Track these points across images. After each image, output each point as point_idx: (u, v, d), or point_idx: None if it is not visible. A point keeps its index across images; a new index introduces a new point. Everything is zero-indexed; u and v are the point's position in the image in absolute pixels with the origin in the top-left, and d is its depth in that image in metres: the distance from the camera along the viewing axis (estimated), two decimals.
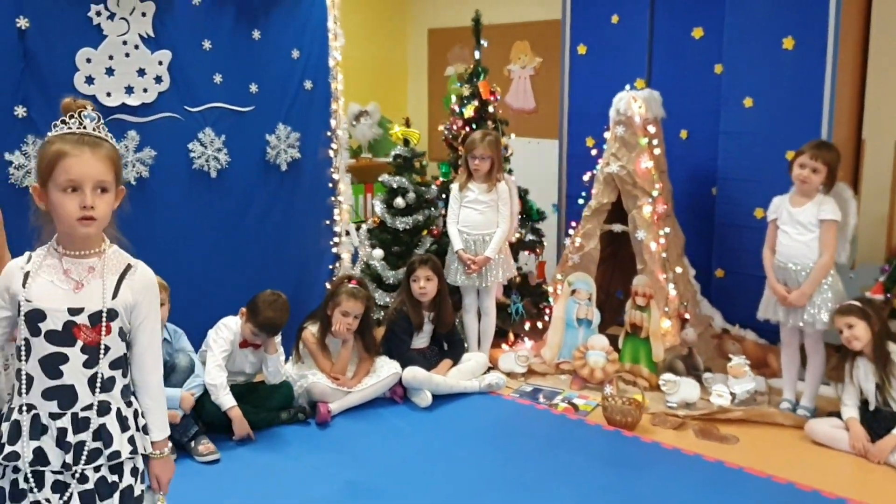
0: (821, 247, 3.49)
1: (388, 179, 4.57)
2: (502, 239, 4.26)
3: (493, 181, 4.23)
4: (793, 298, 3.52)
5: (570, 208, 5.01)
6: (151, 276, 1.90)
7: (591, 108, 4.85)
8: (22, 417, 1.79)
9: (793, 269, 3.55)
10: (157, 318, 1.90)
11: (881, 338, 3.33)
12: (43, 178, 1.75)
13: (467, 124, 4.71)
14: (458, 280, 4.27)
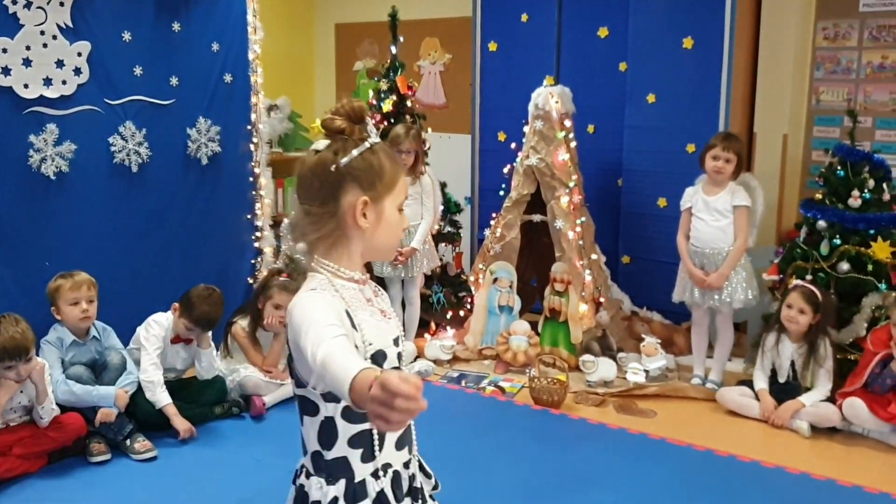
0: (735, 231, 3.78)
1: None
2: (427, 230, 4.35)
3: (416, 174, 4.31)
4: (712, 280, 3.78)
5: (483, 201, 5.17)
6: None
7: (502, 104, 5.01)
8: (382, 483, 1.51)
9: (710, 254, 3.82)
10: None
11: (818, 330, 3.60)
12: (379, 191, 1.47)
13: (386, 119, 4.77)
14: (383, 271, 4.33)
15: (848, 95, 4.56)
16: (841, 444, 3.45)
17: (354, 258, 1.49)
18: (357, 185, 1.45)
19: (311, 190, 1.47)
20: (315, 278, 1.47)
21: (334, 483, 1.48)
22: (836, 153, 3.96)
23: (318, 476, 1.50)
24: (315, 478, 1.50)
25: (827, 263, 3.81)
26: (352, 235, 1.47)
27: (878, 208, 3.83)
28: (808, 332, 3.61)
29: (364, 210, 1.45)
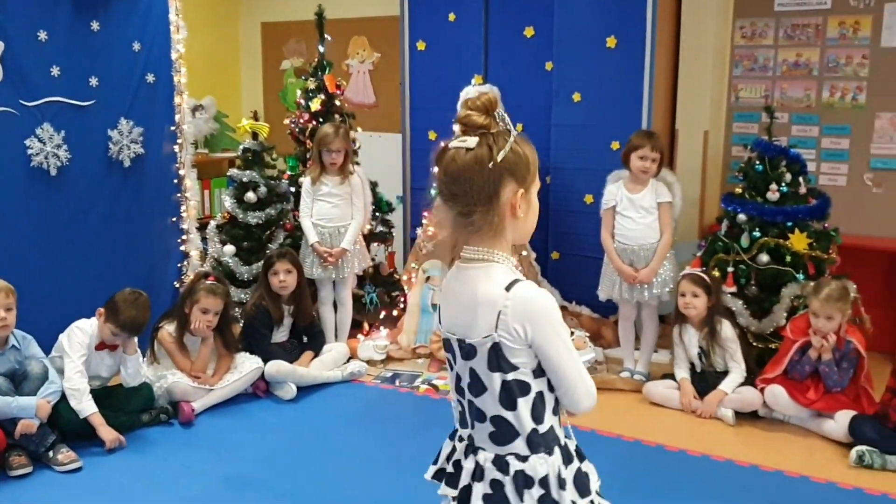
0: (661, 226, 3.88)
1: (238, 174, 4.53)
2: (358, 230, 4.35)
3: (346, 174, 4.31)
4: (643, 276, 3.87)
5: (415, 199, 5.16)
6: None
7: (432, 103, 5.02)
8: (573, 442, 1.68)
9: (638, 250, 3.90)
10: None
11: (713, 312, 3.73)
12: (528, 181, 1.55)
13: (314, 118, 4.74)
14: (314, 273, 4.31)
15: (765, 92, 4.72)
16: (763, 430, 3.57)
17: (510, 245, 1.58)
18: (512, 179, 1.53)
19: (471, 187, 1.52)
20: (502, 267, 1.55)
21: (552, 454, 1.58)
22: (754, 148, 4.09)
23: (537, 454, 1.58)
24: (534, 457, 1.57)
25: (747, 256, 3.93)
26: (508, 225, 1.55)
27: (794, 201, 3.97)
28: (707, 317, 3.73)
29: (520, 201, 1.54)
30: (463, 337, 1.57)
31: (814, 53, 4.57)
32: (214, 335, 3.83)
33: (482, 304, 1.52)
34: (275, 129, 4.86)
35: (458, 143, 1.54)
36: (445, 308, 1.63)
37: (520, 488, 1.56)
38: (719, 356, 3.74)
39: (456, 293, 1.60)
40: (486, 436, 1.60)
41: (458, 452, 1.68)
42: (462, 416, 1.65)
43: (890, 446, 3.22)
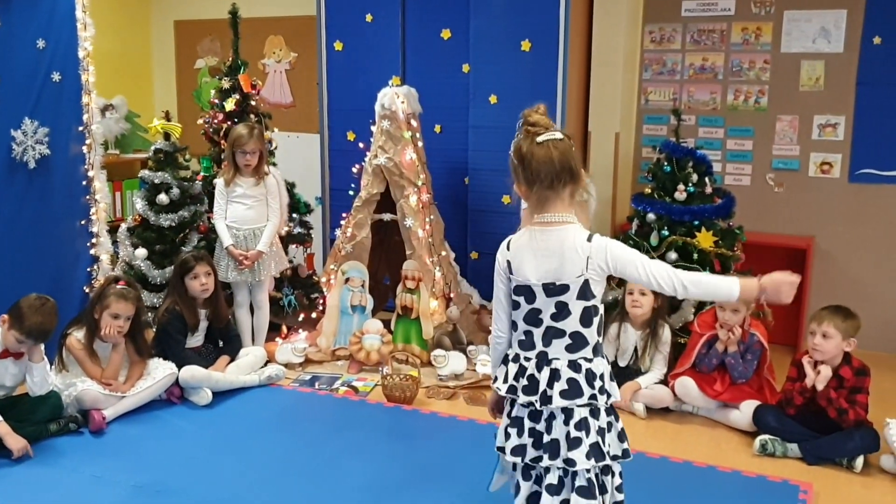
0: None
1: (150, 175, 4.45)
2: (273, 232, 4.34)
3: (260, 175, 4.29)
4: None
5: (334, 201, 5.16)
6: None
7: (349, 104, 5.02)
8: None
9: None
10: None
11: (657, 313, 3.84)
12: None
13: (229, 118, 4.70)
14: (229, 276, 4.28)
15: (673, 95, 4.89)
16: (673, 423, 3.69)
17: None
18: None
19: (573, 166, 2.12)
20: (576, 225, 2.16)
21: (604, 358, 2.23)
22: (663, 150, 4.23)
23: (598, 357, 2.21)
24: (597, 359, 2.20)
25: (657, 253, 4.06)
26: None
27: (701, 201, 4.12)
28: (650, 318, 3.83)
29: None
30: (553, 280, 2.15)
31: (719, 58, 4.76)
32: (126, 341, 3.75)
33: (572, 252, 2.13)
34: (188, 130, 4.80)
35: (549, 136, 2.11)
36: (529, 261, 2.16)
37: (590, 380, 2.17)
38: (649, 357, 3.84)
39: (542, 248, 2.15)
40: (562, 348, 2.18)
41: (531, 367, 2.20)
42: (530, 341, 2.20)
43: (790, 435, 3.38)
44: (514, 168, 2.16)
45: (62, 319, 3.68)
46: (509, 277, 2.21)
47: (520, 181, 2.15)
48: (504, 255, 2.22)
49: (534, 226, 2.17)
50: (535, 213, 2.16)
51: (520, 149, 2.13)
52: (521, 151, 2.13)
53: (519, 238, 2.21)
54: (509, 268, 2.21)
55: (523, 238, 2.19)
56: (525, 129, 2.13)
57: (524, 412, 2.23)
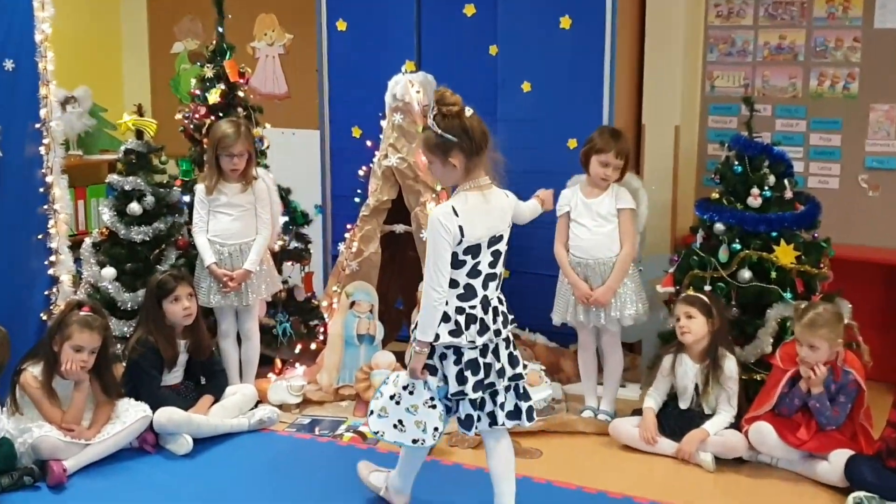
0: (621, 237, 3.98)
1: (119, 180, 4.48)
2: (264, 248, 4.35)
3: (248, 180, 4.32)
4: (598, 295, 3.94)
5: (337, 209, 5.19)
6: (433, 213, 3.00)
7: (355, 94, 5.05)
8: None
9: (593, 265, 3.99)
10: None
11: (716, 340, 3.81)
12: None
13: (212, 112, 4.73)
14: (211, 301, 4.30)
15: (744, 81, 4.86)
16: (748, 476, 3.66)
17: None
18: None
19: (489, 136, 3.06)
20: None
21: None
22: (732, 146, 4.18)
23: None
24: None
25: (727, 271, 4.02)
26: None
27: (779, 208, 4.07)
28: (709, 348, 3.81)
29: None
30: (497, 232, 3.05)
31: (799, 35, 4.72)
32: (91, 378, 3.78)
33: (506, 208, 3.10)
34: (165, 127, 4.81)
35: (471, 110, 2.97)
36: (479, 221, 2.98)
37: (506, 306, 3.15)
38: (713, 396, 3.82)
39: (489, 208, 3.01)
40: (494, 288, 3.08)
41: (478, 312, 3.02)
42: (470, 292, 3.02)
43: (891, 491, 3.31)
44: (447, 143, 2.93)
45: (15, 353, 3.72)
46: (460, 241, 2.94)
47: (456, 153, 2.93)
48: (455, 222, 2.92)
49: (471, 190, 2.99)
50: (465, 180, 2.99)
51: (462, 123, 2.92)
52: (463, 125, 2.92)
53: (464, 203, 2.97)
54: (461, 232, 2.93)
55: (470, 202, 2.98)
56: (445, 109, 2.92)
57: (475, 353, 3.02)
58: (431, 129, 2.96)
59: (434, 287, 2.96)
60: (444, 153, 2.95)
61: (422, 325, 3.00)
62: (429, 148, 3.00)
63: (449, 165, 2.96)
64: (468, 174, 2.99)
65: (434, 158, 2.99)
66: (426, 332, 2.98)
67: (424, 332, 2.99)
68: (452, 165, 2.96)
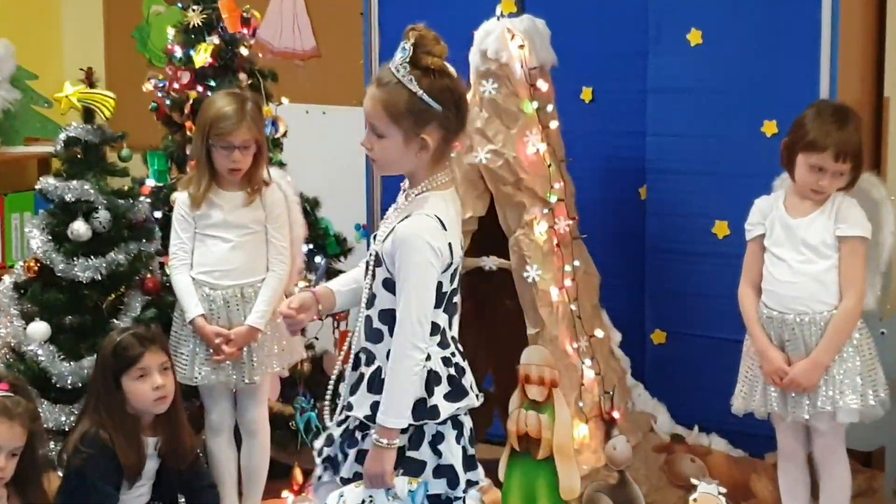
0: (843, 282, 3.89)
1: (56, 186, 4.51)
2: (279, 293, 4.36)
3: (255, 186, 4.36)
4: (797, 374, 3.86)
5: None
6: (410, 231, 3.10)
7: None
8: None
9: (794, 322, 3.92)
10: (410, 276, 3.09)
11: None
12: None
13: (200, 80, 4.80)
14: (196, 376, 4.34)
15: None
16: None
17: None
18: None
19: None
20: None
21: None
22: None
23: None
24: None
25: None
26: None
27: None
28: None
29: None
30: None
31: None
32: (8, 494, 3.79)
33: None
34: (126, 102, 4.85)
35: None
36: (457, 233, 3.22)
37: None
38: None
39: (457, 213, 3.31)
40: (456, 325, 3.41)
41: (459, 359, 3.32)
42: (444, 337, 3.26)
43: None
44: (426, 112, 3.09)
45: None
46: (447, 266, 3.17)
47: (434, 129, 3.12)
48: (444, 240, 3.12)
49: (443, 189, 3.21)
50: (431, 171, 3.18)
51: (453, 86, 3.15)
52: (455, 90, 3.16)
53: (446, 210, 3.18)
54: (451, 253, 3.16)
55: (450, 208, 3.21)
56: (430, 61, 3.11)
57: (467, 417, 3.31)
58: (404, 85, 3.09)
59: (416, 343, 3.11)
60: (418, 124, 3.11)
61: (392, 404, 3.12)
62: (394, 111, 3.11)
63: (415, 143, 3.13)
64: (437, 163, 3.20)
65: (394, 128, 3.13)
66: (401, 412, 3.12)
67: (399, 413, 3.11)
68: (420, 144, 3.13)
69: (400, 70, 3.09)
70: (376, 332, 3.21)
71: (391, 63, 3.14)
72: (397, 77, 3.09)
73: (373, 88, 3.20)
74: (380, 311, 3.20)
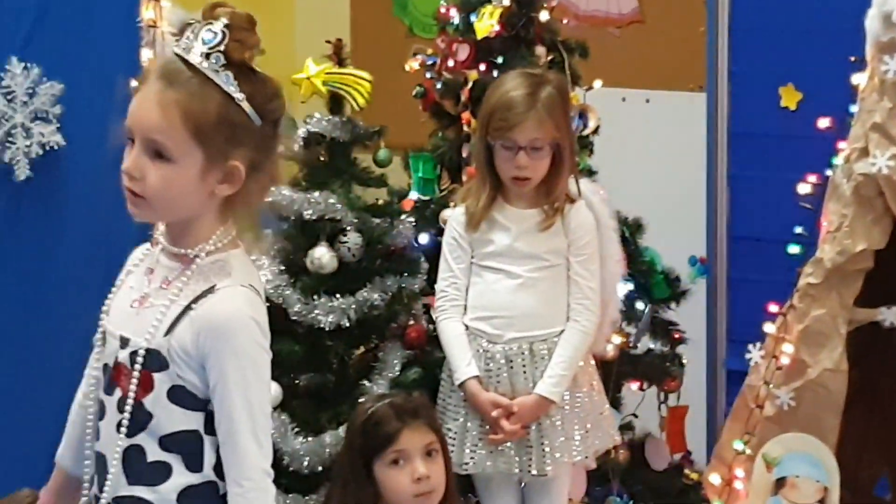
0: None
1: (289, 198, 4.50)
2: (582, 351, 4.35)
3: (555, 202, 4.31)
4: None
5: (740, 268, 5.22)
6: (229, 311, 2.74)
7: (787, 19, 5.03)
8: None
9: None
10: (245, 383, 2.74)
11: None
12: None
13: (482, 56, 4.77)
14: (467, 461, 4.33)
15: None
16: None
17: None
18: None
19: None
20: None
21: None
22: None
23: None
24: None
25: None
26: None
27: None
28: None
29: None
30: None
31: None
32: None
33: None
34: (380, 86, 4.82)
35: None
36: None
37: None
38: None
39: None
40: None
41: None
42: None
43: None
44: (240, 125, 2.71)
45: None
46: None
47: (246, 151, 2.74)
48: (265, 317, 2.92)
49: (235, 247, 2.86)
50: (221, 222, 2.82)
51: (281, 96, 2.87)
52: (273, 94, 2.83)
53: (259, 279, 2.98)
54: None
55: (258, 276, 3.02)
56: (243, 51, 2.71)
57: None
58: (216, 84, 2.67)
59: (266, 469, 2.90)
60: (229, 143, 2.73)
61: None
62: (200, 122, 2.68)
63: (216, 172, 2.73)
64: (230, 207, 2.84)
65: (194, 147, 2.68)
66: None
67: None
68: (224, 174, 2.74)
69: (211, 61, 2.68)
70: (156, 470, 2.79)
71: (185, 51, 2.70)
72: (203, 71, 2.67)
73: (155, 86, 2.71)
74: (163, 437, 2.77)
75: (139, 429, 2.73)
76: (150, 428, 2.72)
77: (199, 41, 2.64)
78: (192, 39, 2.67)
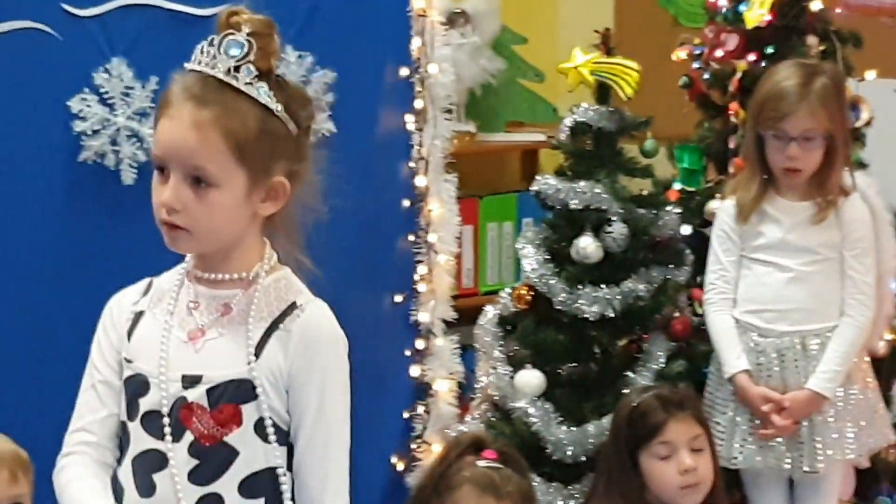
0: None
1: (555, 188, 4.53)
2: (856, 347, 4.30)
3: (829, 195, 4.28)
4: None
5: None
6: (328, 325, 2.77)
7: None
8: None
9: None
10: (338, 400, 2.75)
11: None
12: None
13: (752, 47, 4.74)
14: (735, 455, 4.33)
15: None
16: None
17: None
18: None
19: None
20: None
21: None
22: None
23: None
24: None
25: None
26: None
27: None
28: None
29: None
30: None
31: None
32: None
33: None
34: (645, 76, 4.83)
35: None
36: None
37: None
38: None
39: None
40: None
41: None
42: None
43: None
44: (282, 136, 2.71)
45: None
46: None
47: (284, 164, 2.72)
48: None
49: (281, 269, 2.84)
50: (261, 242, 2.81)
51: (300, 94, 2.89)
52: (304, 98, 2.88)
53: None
54: None
55: None
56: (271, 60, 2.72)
57: None
58: (252, 98, 2.64)
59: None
60: (271, 158, 2.72)
61: None
62: (242, 141, 2.63)
63: (260, 191, 2.70)
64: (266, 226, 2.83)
65: (237, 169, 2.63)
66: None
67: None
68: (267, 191, 2.72)
69: (242, 74, 2.63)
70: None
71: (209, 67, 2.64)
72: (235, 86, 2.62)
73: (185, 108, 2.63)
74: (245, 479, 2.69)
75: (219, 473, 2.67)
76: (233, 469, 2.66)
77: (223, 54, 2.60)
78: (215, 54, 2.62)
